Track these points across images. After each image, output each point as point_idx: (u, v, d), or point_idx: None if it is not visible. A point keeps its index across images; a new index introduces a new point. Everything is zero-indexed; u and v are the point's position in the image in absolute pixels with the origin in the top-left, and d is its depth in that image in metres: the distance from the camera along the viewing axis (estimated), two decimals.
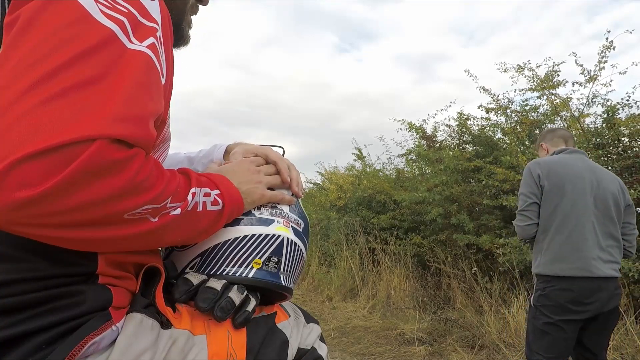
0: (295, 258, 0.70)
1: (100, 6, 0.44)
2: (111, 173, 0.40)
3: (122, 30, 0.45)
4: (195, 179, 0.55)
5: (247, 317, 0.60)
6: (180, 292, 0.59)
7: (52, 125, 0.37)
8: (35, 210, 0.37)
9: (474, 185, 4.60)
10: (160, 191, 0.46)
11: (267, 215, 0.68)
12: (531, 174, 2.00)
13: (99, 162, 0.38)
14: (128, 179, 0.41)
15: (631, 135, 3.63)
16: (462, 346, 3.35)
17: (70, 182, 0.37)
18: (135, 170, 0.42)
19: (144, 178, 0.43)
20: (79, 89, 0.39)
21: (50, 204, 0.38)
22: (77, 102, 0.39)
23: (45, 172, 0.36)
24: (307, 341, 0.69)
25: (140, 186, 0.43)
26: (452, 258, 4.53)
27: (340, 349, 3.55)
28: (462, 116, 5.16)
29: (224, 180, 0.61)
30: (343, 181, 7.27)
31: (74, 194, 0.38)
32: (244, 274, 0.63)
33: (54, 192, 0.37)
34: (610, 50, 3.82)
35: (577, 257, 1.89)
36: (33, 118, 0.37)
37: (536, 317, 1.99)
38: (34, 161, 0.36)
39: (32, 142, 0.36)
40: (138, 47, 0.45)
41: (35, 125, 0.37)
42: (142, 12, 0.48)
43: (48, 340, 0.45)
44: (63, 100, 0.38)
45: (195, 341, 0.55)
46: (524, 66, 4.37)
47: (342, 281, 5.46)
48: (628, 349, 2.81)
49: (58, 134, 0.37)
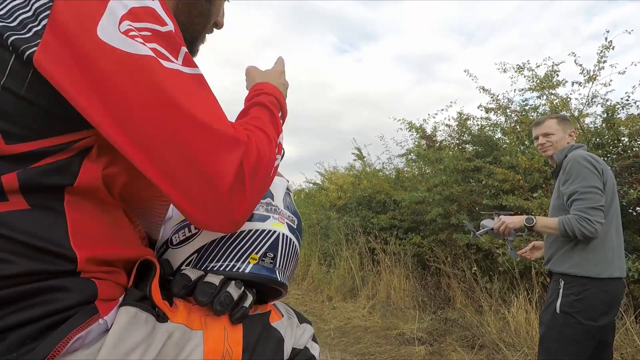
0: (290, 254, 0.71)
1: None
2: (260, 163, 0.56)
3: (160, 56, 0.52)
4: (275, 111, 0.70)
5: (244, 312, 0.61)
6: (178, 287, 0.60)
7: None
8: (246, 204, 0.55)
9: (473, 185, 4.60)
10: (274, 145, 0.63)
11: (263, 211, 0.69)
12: (595, 168, 1.83)
13: (254, 165, 0.55)
14: (267, 159, 0.58)
15: (631, 135, 3.63)
16: (462, 346, 3.35)
17: (252, 186, 0.55)
18: (264, 149, 0.58)
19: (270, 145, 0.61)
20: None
21: (252, 204, 0.57)
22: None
23: (242, 192, 0.54)
24: (300, 341, 0.69)
25: (270, 154, 0.60)
26: (452, 258, 4.53)
27: (340, 349, 3.55)
28: (462, 116, 5.16)
29: (276, 91, 0.75)
30: (343, 181, 7.27)
31: (254, 190, 0.56)
32: (240, 269, 0.64)
33: (251, 198, 0.56)
34: (609, 50, 3.82)
35: (620, 257, 1.86)
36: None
37: (567, 324, 1.80)
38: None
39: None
40: (178, 68, 0.53)
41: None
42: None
43: (32, 334, 0.44)
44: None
45: (192, 336, 0.55)
46: (523, 66, 4.37)
47: (342, 281, 5.46)
48: (628, 348, 2.81)
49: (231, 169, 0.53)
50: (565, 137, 2.02)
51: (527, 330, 3.24)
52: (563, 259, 1.88)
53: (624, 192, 3.17)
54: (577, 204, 1.80)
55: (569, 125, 2.06)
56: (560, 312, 1.83)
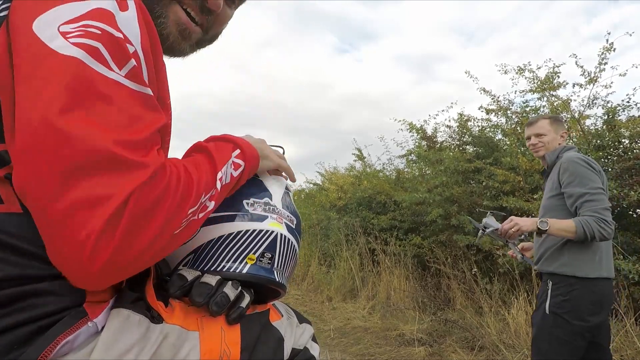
0: (288, 254, 0.70)
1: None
2: (155, 207, 0.45)
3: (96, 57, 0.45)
4: (217, 156, 0.58)
5: (241, 312, 0.61)
6: (175, 287, 0.59)
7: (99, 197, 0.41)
8: (108, 270, 0.43)
9: (474, 186, 4.59)
10: (195, 195, 0.50)
11: (261, 211, 0.68)
12: (594, 169, 1.84)
13: (144, 207, 0.43)
14: (167, 206, 0.46)
15: (631, 137, 3.62)
16: (462, 347, 3.35)
17: (127, 237, 0.42)
18: (173, 188, 0.47)
19: (183, 189, 0.48)
20: None
21: (117, 261, 0.43)
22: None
23: (107, 240, 0.41)
24: (300, 341, 0.69)
25: (181, 202, 0.48)
26: (452, 259, 4.52)
27: (340, 349, 3.55)
28: (462, 117, 5.16)
29: (240, 139, 0.66)
30: (343, 181, 7.26)
31: (133, 244, 0.43)
32: (238, 270, 0.64)
33: (117, 252, 0.42)
34: (610, 51, 3.82)
35: (608, 258, 1.86)
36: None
37: (557, 324, 1.81)
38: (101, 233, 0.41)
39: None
40: (118, 79, 0.46)
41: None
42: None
43: (19, 339, 0.43)
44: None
45: (188, 337, 0.54)
46: (524, 67, 4.37)
47: (342, 282, 5.45)
48: (628, 350, 2.80)
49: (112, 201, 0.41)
50: (557, 138, 2.03)
51: (527, 331, 3.23)
52: (552, 259, 1.88)
53: (625, 194, 3.16)
54: (591, 205, 1.77)
55: (561, 126, 2.07)
56: (549, 312, 1.83)
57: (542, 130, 2.03)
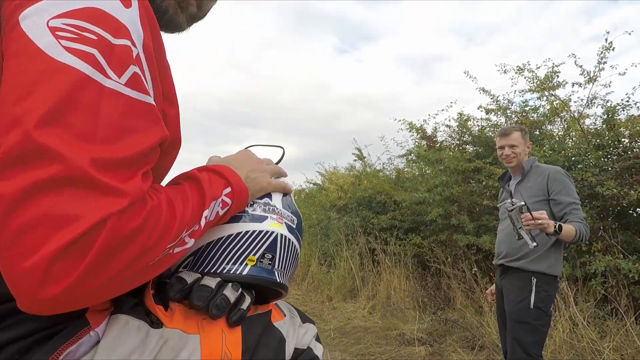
0: (289, 254, 0.69)
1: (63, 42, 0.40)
2: (129, 240, 0.40)
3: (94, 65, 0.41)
4: (208, 192, 0.54)
5: (241, 315, 0.60)
6: (174, 291, 0.58)
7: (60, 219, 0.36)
8: (63, 299, 0.38)
9: (474, 186, 4.59)
10: (175, 231, 0.46)
11: (260, 211, 0.67)
12: (572, 181, 2.14)
13: (117, 239, 0.39)
14: (144, 240, 0.41)
15: (631, 136, 3.63)
16: (462, 346, 3.35)
17: (93, 267, 0.38)
18: (152, 222, 0.42)
19: (163, 224, 0.44)
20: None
21: (76, 291, 0.38)
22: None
23: (67, 267, 0.36)
24: (303, 341, 0.68)
25: (160, 239, 0.43)
26: (452, 258, 4.52)
27: (340, 349, 3.55)
28: (462, 117, 5.16)
29: (233, 175, 0.61)
30: (343, 181, 7.27)
31: (98, 275, 0.39)
32: (238, 271, 0.63)
33: (78, 282, 0.37)
34: (609, 51, 3.82)
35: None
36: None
37: (539, 317, 2.05)
38: (57, 259, 0.36)
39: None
40: (116, 87, 0.42)
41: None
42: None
43: (22, 350, 0.43)
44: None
45: (188, 340, 0.54)
46: (523, 67, 4.37)
47: (342, 281, 5.46)
48: (628, 349, 2.81)
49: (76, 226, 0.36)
50: (525, 150, 2.25)
51: None
52: (540, 259, 2.07)
53: (625, 193, 3.16)
54: (578, 213, 2.05)
55: (527, 137, 2.29)
56: (534, 307, 2.05)
57: (515, 142, 2.23)
